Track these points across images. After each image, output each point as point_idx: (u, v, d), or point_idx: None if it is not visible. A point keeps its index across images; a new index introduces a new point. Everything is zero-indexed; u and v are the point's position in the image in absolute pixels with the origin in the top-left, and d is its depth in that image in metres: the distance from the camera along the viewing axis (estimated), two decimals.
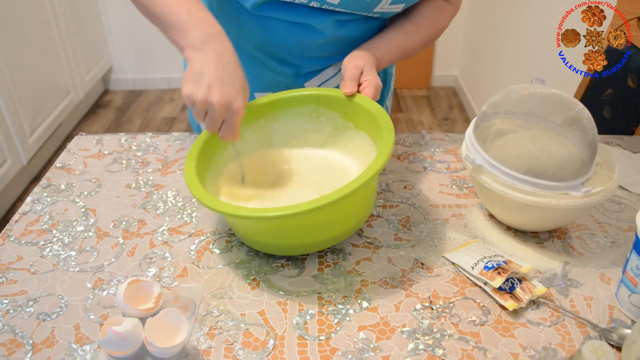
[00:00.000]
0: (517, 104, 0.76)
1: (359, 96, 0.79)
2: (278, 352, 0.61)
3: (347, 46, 0.89)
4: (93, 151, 0.99)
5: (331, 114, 0.84)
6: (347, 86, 0.80)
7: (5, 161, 2.17)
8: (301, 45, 0.90)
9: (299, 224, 0.68)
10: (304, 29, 0.87)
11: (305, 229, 0.70)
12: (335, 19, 0.86)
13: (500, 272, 0.67)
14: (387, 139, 0.70)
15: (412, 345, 0.61)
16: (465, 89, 3.12)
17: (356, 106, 0.80)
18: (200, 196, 0.67)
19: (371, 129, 0.78)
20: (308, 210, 0.62)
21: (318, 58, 0.93)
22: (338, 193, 0.63)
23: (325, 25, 0.86)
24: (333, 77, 0.96)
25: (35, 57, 2.41)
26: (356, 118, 0.81)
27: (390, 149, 0.68)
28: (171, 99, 3.20)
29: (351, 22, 0.88)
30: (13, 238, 0.78)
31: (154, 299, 0.63)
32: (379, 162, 0.66)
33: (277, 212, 0.63)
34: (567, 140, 0.73)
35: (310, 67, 0.93)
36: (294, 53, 0.91)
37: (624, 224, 0.80)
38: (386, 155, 0.67)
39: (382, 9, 0.85)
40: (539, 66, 2.06)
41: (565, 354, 0.60)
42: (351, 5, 0.83)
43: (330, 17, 0.85)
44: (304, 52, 0.91)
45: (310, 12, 0.85)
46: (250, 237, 0.73)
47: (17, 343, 0.62)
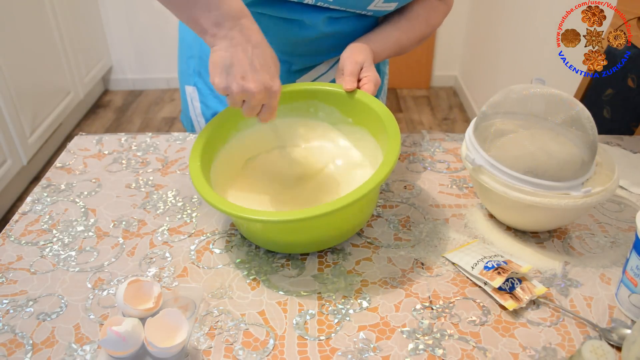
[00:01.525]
0: (517, 104, 0.76)
1: (359, 92, 0.79)
2: (278, 352, 0.61)
3: (338, 43, 0.89)
4: (93, 151, 0.99)
5: (329, 109, 0.84)
6: (347, 82, 0.79)
7: (5, 161, 2.17)
8: (292, 42, 0.89)
9: (301, 225, 0.69)
10: (296, 26, 0.86)
11: (307, 229, 0.70)
12: (327, 16, 0.85)
13: (500, 272, 0.67)
14: (394, 142, 0.70)
15: (412, 345, 0.61)
16: (465, 89, 3.12)
17: (356, 102, 0.79)
18: (208, 196, 0.67)
19: (372, 125, 0.78)
20: (312, 216, 0.63)
21: (309, 55, 0.92)
22: (344, 200, 0.63)
23: (317, 22, 0.85)
24: (325, 73, 0.95)
25: (35, 57, 2.41)
26: (356, 114, 0.81)
27: (396, 154, 0.68)
28: (171, 99, 3.20)
29: (343, 19, 0.88)
30: (13, 238, 0.78)
31: (154, 299, 0.63)
32: (385, 169, 0.66)
33: (281, 216, 0.65)
34: (567, 140, 0.73)
35: (302, 64, 0.93)
36: (285, 50, 0.91)
37: (624, 224, 0.80)
38: (393, 162, 0.67)
39: (376, 7, 0.84)
40: (539, 66, 2.06)
41: (565, 354, 0.60)
42: (345, 3, 0.83)
43: (322, 14, 0.85)
44: (295, 49, 0.91)
45: (303, 9, 0.84)
46: (253, 233, 0.73)
47: (17, 343, 0.62)
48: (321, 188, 0.80)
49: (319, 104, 0.84)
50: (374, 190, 0.65)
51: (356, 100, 0.79)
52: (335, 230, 0.71)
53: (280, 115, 0.84)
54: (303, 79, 0.95)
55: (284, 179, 0.83)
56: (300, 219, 0.64)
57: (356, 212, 0.72)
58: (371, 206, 0.76)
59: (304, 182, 0.82)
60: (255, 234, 0.73)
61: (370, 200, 0.73)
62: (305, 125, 0.86)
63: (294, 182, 0.82)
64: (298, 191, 0.81)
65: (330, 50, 0.92)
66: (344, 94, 0.80)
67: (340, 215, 0.65)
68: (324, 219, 0.63)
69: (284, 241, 0.72)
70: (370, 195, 0.69)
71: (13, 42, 2.22)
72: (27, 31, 2.33)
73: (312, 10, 0.84)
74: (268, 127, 0.84)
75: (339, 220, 0.70)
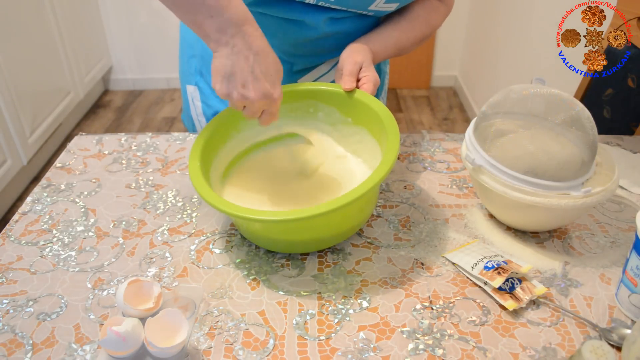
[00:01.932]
0: (517, 104, 0.76)
1: (358, 91, 0.79)
2: (278, 352, 0.61)
3: (339, 43, 0.89)
4: (93, 151, 0.99)
5: (329, 109, 0.84)
6: (346, 82, 0.79)
7: (5, 161, 2.17)
8: (293, 42, 0.89)
9: (301, 224, 0.69)
10: (297, 26, 0.87)
11: (306, 228, 0.70)
12: (329, 17, 0.85)
13: (500, 272, 0.67)
14: (393, 140, 0.70)
15: (412, 345, 0.61)
16: (465, 89, 3.12)
17: (355, 102, 0.80)
18: (206, 195, 0.68)
19: (372, 125, 0.78)
20: (312, 215, 0.63)
21: (311, 55, 0.92)
22: (344, 199, 0.63)
23: (318, 23, 0.86)
24: (327, 73, 0.95)
25: (35, 57, 2.41)
26: (355, 113, 0.81)
27: (396, 152, 0.68)
28: (171, 99, 3.20)
29: (345, 19, 0.88)
30: (13, 238, 0.78)
31: (154, 299, 0.63)
32: (385, 168, 0.66)
33: (280, 216, 0.65)
34: (567, 140, 0.73)
35: (303, 64, 0.93)
36: (286, 50, 0.91)
37: (624, 224, 0.80)
38: (392, 161, 0.67)
39: (377, 7, 0.84)
40: (539, 66, 2.06)
41: (565, 354, 0.60)
42: (347, 3, 0.83)
43: (324, 14, 0.85)
44: (297, 49, 0.91)
45: (305, 9, 0.84)
46: (252, 233, 0.73)
47: (17, 343, 0.62)
48: (321, 187, 0.81)
49: (318, 104, 0.84)
50: (373, 189, 0.65)
51: (355, 100, 0.79)
52: (335, 230, 0.71)
53: (281, 116, 0.84)
54: (304, 79, 0.95)
55: (283, 176, 0.83)
56: (300, 219, 0.64)
57: (356, 211, 0.72)
58: (371, 205, 0.76)
59: (303, 180, 0.82)
60: (254, 233, 0.73)
61: (370, 199, 0.73)
62: (305, 125, 0.86)
63: (293, 180, 0.82)
64: (297, 189, 0.81)
65: (331, 51, 0.92)
66: (344, 93, 0.80)
67: (340, 214, 0.65)
68: (323, 218, 0.63)
69: (283, 240, 0.72)
70: (370, 194, 0.69)
71: (13, 42, 2.22)
72: (27, 31, 2.33)
73: (314, 11, 0.84)
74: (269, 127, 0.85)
75: (338, 219, 0.70)
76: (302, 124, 0.86)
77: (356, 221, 0.73)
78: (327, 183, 0.81)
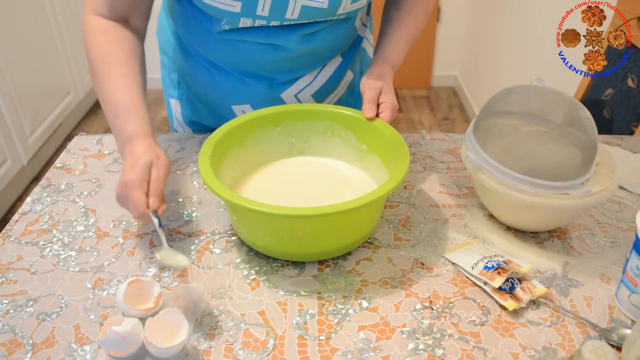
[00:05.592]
0: (517, 104, 0.76)
1: (377, 120, 0.81)
2: (278, 352, 0.61)
3: (317, 57, 0.90)
4: (93, 151, 0.99)
5: (346, 134, 0.85)
6: (367, 110, 0.81)
7: (5, 161, 2.17)
8: (271, 62, 0.90)
9: (304, 231, 0.69)
10: (271, 48, 0.87)
11: (309, 238, 0.70)
12: (299, 34, 0.85)
13: (500, 272, 0.67)
14: (402, 163, 0.71)
15: (412, 345, 0.61)
16: (465, 89, 3.12)
17: (373, 129, 0.81)
18: (219, 190, 0.67)
19: (385, 154, 0.80)
20: (319, 214, 0.64)
21: (291, 71, 0.92)
22: (348, 204, 0.64)
23: (291, 42, 0.86)
24: (310, 84, 0.95)
25: (35, 57, 2.41)
26: (371, 141, 0.83)
27: (404, 174, 0.69)
28: None
29: (317, 33, 0.87)
30: (13, 238, 0.78)
31: (154, 299, 0.63)
32: (392, 184, 0.67)
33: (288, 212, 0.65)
34: (567, 140, 0.73)
35: (283, 79, 0.93)
36: (265, 68, 0.91)
37: (624, 224, 0.80)
38: (399, 179, 0.68)
39: (345, 9, 0.83)
40: (539, 66, 2.06)
41: (565, 354, 0.60)
42: (312, 15, 0.82)
43: (294, 33, 0.84)
44: (275, 67, 0.91)
45: (274, 32, 0.84)
46: (254, 239, 0.73)
47: (17, 343, 0.62)
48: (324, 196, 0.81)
49: (336, 127, 0.86)
50: (377, 201, 0.66)
51: (372, 127, 0.81)
52: (345, 241, 0.72)
53: (300, 133, 0.86)
54: (287, 92, 0.95)
55: (292, 191, 0.82)
56: (304, 216, 0.64)
57: (366, 221, 0.72)
58: (375, 219, 0.76)
59: (311, 197, 0.81)
60: (255, 238, 0.73)
61: (373, 211, 0.74)
62: (320, 148, 0.88)
63: (301, 197, 0.81)
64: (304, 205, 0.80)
65: (310, 65, 0.92)
66: (362, 120, 0.82)
67: (356, 216, 0.68)
68: (345, 217, 0.65)
69: (293, 253, 0.72)
70: (373, 206, 0.70)
71: (13, 42, 2.22)
72: (27, 31, 2.33)
73: (283, 32, 0.84)
74: (284, 140, 0.87)
75: (353, 224, 0.71)
76: (318, 147, 0.88)
77: (366, 231, 0.74)
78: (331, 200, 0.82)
